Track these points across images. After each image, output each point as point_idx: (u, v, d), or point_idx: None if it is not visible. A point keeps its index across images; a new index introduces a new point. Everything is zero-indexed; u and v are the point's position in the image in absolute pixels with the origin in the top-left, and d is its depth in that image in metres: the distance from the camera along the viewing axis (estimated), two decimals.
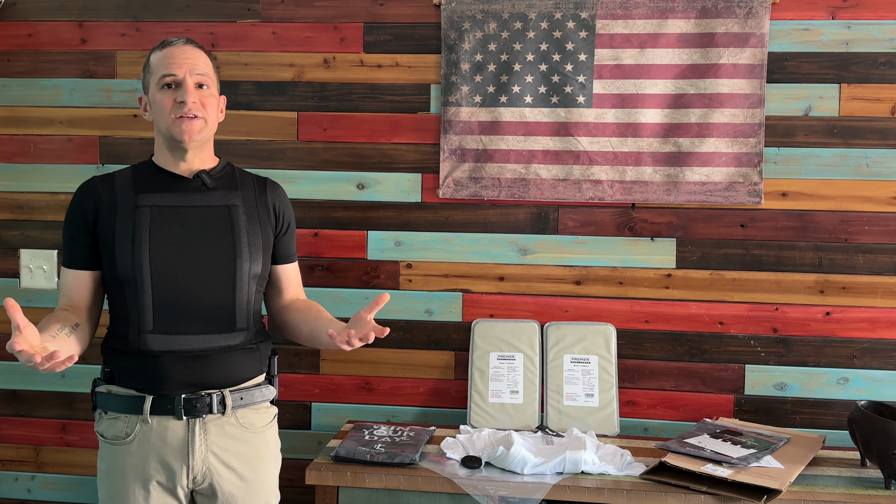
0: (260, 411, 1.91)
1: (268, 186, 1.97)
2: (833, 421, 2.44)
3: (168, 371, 1.79)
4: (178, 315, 1.79)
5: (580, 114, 2.46)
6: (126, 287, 1.80)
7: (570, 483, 2.00)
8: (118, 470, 1.81)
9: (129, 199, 1.83)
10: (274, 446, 1.95)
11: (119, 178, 1.88)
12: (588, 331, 2.46)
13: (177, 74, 1.81)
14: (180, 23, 2.59)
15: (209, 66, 1.88)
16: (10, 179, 2.66)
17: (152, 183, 1.86)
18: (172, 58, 1.83)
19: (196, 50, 1.87)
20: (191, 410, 1.79)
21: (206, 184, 1.86)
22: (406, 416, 2.57)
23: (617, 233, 2.49)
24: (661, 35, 2.43)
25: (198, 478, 1.81)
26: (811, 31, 2.42)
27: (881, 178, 2.41)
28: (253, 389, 1.89)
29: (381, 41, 2.54)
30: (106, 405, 1.84)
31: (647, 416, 2.50)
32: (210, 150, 1.92)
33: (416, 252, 2.55)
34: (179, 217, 1.83)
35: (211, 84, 1.86)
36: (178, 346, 1.79)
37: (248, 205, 1.89)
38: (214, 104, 1.87)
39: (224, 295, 1.83)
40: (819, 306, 2.44)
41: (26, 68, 2.64)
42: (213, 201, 1.86)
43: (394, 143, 2.55)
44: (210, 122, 1.86)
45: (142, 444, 1.79)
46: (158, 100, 1.83)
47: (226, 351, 1.83)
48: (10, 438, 2.69)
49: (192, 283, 1.80)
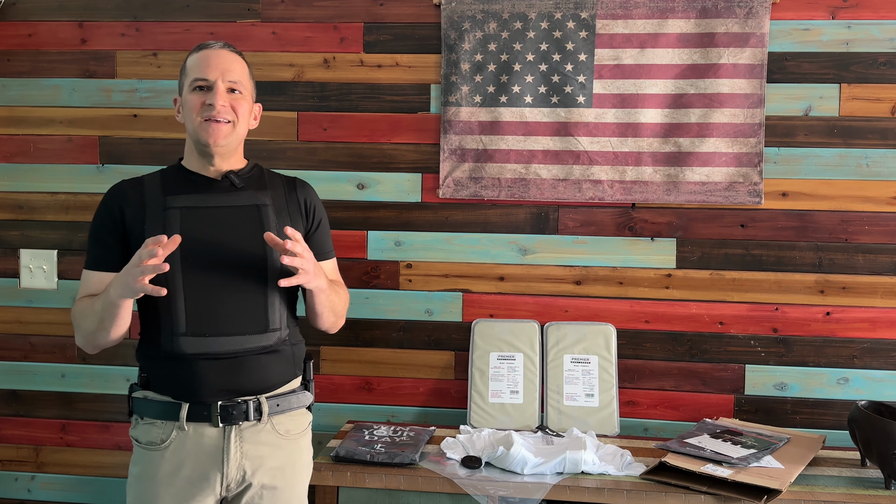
0: (295, 418, 1.89)
1: (297, 185, 1.96)
2: (833, 421, 2.44)
3: (203, 375, 1.77)
4: (211, 316, 1.77)
5: (580, 114, 2.46)
6: None
7: (570, 483, 2.00)
8: (150, 475, 1.79)
9: (157, 200, 1.82)
10: (307, 454, 1.93)
11: (148, 181, 1.87)
12: (588, 331, 2.46)
13: (209, 78, 1.81)
14: (180, 23, 2.59)
15: (244, 71, 1.87)
16: (10, 179, 2.66)
17: (181, 185, 1.85)
18: (207, 61, 1.82)
19: (232, 55, 1.86)
20: (227, 418, 1.77)
21: (235, 184, 1.85)
22: (406, 416, 2.57)
23: (617, 233, 2.49)
24: (661, 35, 2.43)
25: (231, 485, 1.79)
26: (811, 31, 2.42)
27: (881, 178, 2.41)
28: (289, 395, 1.87)
29: (381, 41, 2.54)
30: (142, 411, 1.82)
31: (647, 416, 2.50)
32: (239, 155, 1.91)
33: (416, 252, 2.55)
34: (209, 217, 1.81)
35: (244, 90, 1.85)
36: (212, 349, 1.77)
37: (277, 204, 1.88)
38: (246, 109, 1.86)
39: (256, 295, 1.81)
40: (819, 306, 2.44)
41: (26, 68, 2.64)
42: (243, 201, 1.85)
43: (394, 143, 2.55)
44: (239, 127, 1.84)
45: (177, 451, 1.78)
46: (188, 101, 1.82)
47: (260, 353, 1.82)
48: (10, 438, 2.69)
49: (223, 284, 1.79)
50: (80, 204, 2.63)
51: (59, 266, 2.64)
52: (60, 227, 2.64)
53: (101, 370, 2.64)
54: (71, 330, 2.64)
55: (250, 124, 1.91)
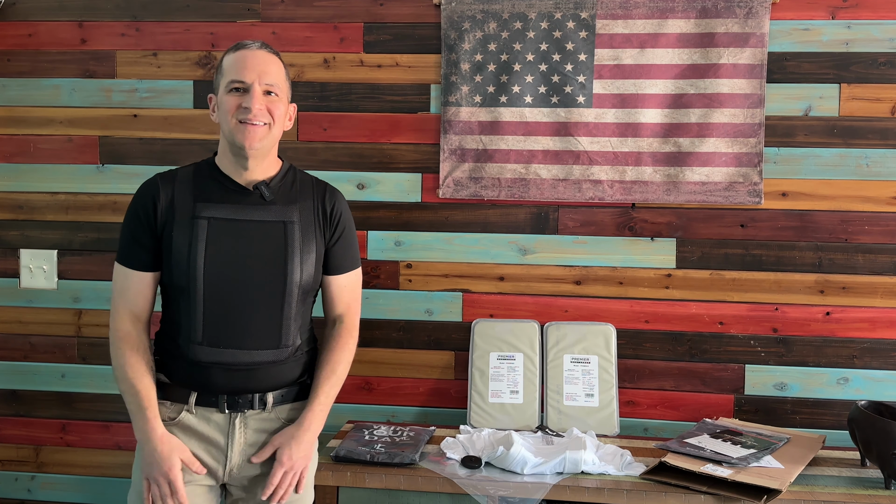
0: (297, 407, 1.91)
1: (326, 193, 1.94)
2: (833, 421, 2.44)
3: (214, 379, 1.81)
4: (227, 330, 1.80)
5: (580, 114, 2.46)
6: (179, 295, 1.81)
7: (570, 483, 2.00)
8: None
9: (188, 206, 1.82)
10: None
11: (180, 178, 1.87)
12: (588, 331, 2.46)
13: (245, 80, 1.79)
14: (180, 23, 2.59)
15: (281, 73, 1.86)
16: (10, 179, 2.66)
17: (212, 192, 1.84)
18: (244, 62, 1.81)
19: (270, 55, 1.85)
20: (233, 405, 1.82)
21: (265, 197, 1.85)
22: (406, 416, 2.57)
23: (617, 233, 2.49)
24: (661, 35, 2.43)
25: (234, 471, 1.83)
26: (811, 31, 2.42)
27: (881, 178, 2.41)
28: (294, 387, 1.90)
29: (381, 41, 2.54)
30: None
31: (647, 416, 2.50)
32: (273, 157, 1.90)
33: (416, 252, 2.55)
34: (236, 231, 1.82)
35: (280, 92, 1.84)
36: (225, 359, 1.80)
37: (304, 219, 1.88)
38: (282, 111, 1.85)
39: (273, 313, 1.83)
40: (819, 306, 2.44)
41: (26, 68, 2.64)
42: (270, 216, 1.84)
43: (394, 143, 2.55)
44: (274, 130, 1.83)
45: (184, 429, 1.82)
46: (224, 102, 1.82)
47: (271, 365, 1.84)
48: (10, 438, 2.69)
49: (242, 299, 1.80)
50: (80, 204, 2.63)
51: (59, 266, 2.64)
52: (60, 227, 2.64)
53: (102, 370, 2.64)
54: (71, 330, 2.66)
55: (285, 125, 1.90)
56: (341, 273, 1.97)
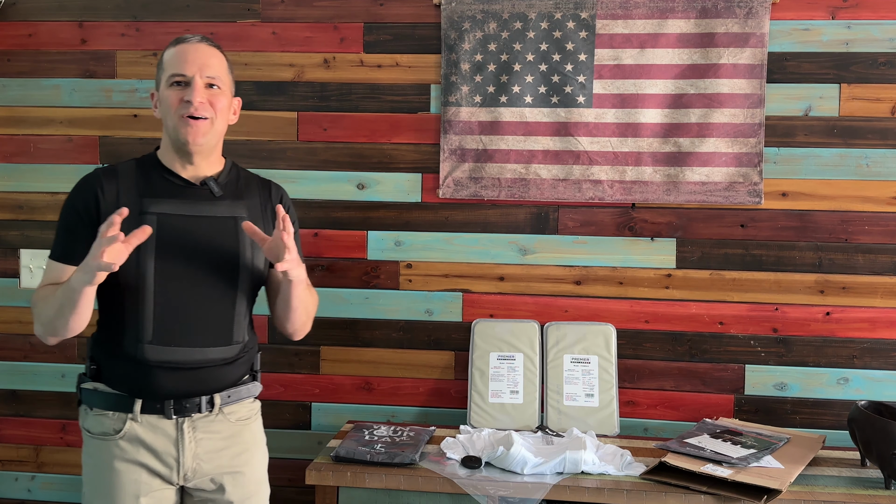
0: (245, 406, 1.90)
1: (272, 191, 1.93)
2: (833, 421, 2.44)
3: (161, 381, 1.76)
4: (178, 328, 1.76)
5: (580, 114, 2.46)
6: (126, 293, 1.74)
7: (570, 483, 2.00)
8: (106, 463, 1.78)
9: (134, 202, 1.76)
10: (260, 437, 1.94)
11: (123, 174, 1.82)
12: (588, 331, 2.46)
13: (186, 73, 1.77)
14: (180, 23, 2.59)
15: (223, 66, 1.84)
16: (10, 179, 2.66)
17: (158, 187, 1.80)
18: (185, 55, 1.78)
19: (210, 49, 1.82)
20: (180, 411, 1.78)
21: (214, 192, 1.83)
22: (406, 416, 2.57)
23: (617, 233, 2.49)
24: (661, 35, 2.43)
25: (188, 474, 1.80)
26: (811, 31, 2.42)
27: (881, 178, 2.41)
28: (240, 387, 1.87)
29: (381, 41, 2.54)
30: (93, 402, 1.81)
31: (647, 416, 2.50)
32: (218, 153, 1.88)
33: (416, 252, 2.55)
34: (186, 227, 1.78)
35: (223, 85, 1.81)
36: (175, 357, 1.76)
37: (253, 214, 1.85)
38: (225, 105, 1.82)
39: (225, 308, 1.81)
40: (819, 306, 2.44)
41: (26, 68, 2.64)
42: (220, 212, 1.81)
43: (394, 143, 2.55)
44: (217, 124, 1.80)
45: (131, 441, 1.77)
46: (166, 97, 1.79)
47: (220, 363, 1.82)
48: (10, 438, 2.69)
49: (194, 296, 1.77)
50: None
51: None
52: None
53: None
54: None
55: (230, 120, 1.87)
56: None
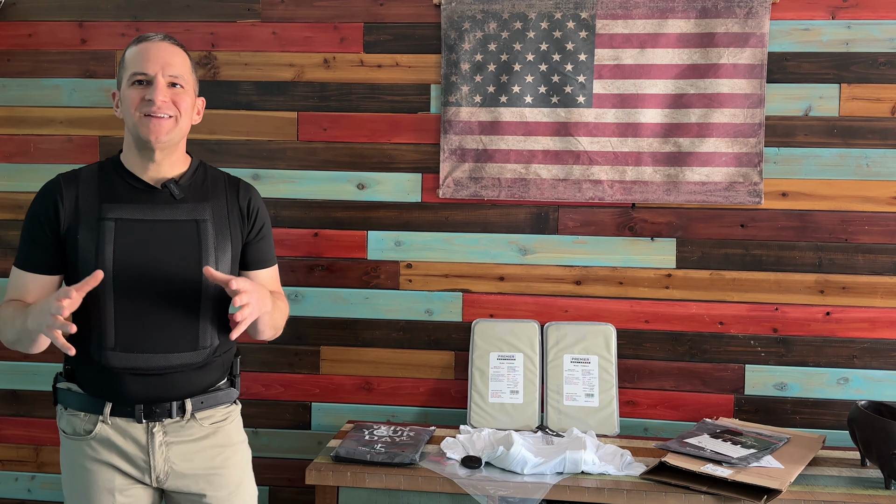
0: (221, 410, 1.86)
1: (240, 189, 1.88)
2: (833, 421, 2.44)
3: (129, 387, 1.74)
4: (141, 334, 1.72)
5: (580, 114, 2.46)
6: (88, 301, 1.67)
7: (570, 483, 2.00)
8: (80, 464, 1.77)
9: (93, 208, 1.74)
10: (237, 437, 1.89)
11: (84, 179, 1.78)
12: (588, 331, 2.46)
13: (148, 72, 1.73)
14: (180, 23, 2.59)
15: (186, 65, 1.80)
16: (10, 179, 2.66)
17: (118, 192, 1.76)
18: (146, 54, 1.74)
19: (172, 47, 1.78)
20: (150, 415, 1.75)
21: (175, 195, 1.78)
22: (406, 416, 2.57)
23: (617, 233, 2.49)
24: (661, 35, 2.43)
25: (161, 477, 1.77)
26: (811, 31, 2.42)
27: (881, 178, 2.41)
28: (215, 393, 1.84)
29: (381, 41, 2.54)
30: (67, 402, 1.80)
31: (647, 416, 2.50)
32: (181, 152, 1.83)
33: (416, 252, 2.55)
34: (145, 231, 1.74)
35: (186, 84, 1.78)
36: (140, 364, 1.73)
37: (217, 216, 1.81)
38: (189, 104, 1.79)
39: (188, 314, 1.76)
40: (819, 306, 2.44)
41: (26, 68, 2.64)
42: (181, 215, 1.77)
43: (394, 143, 2.55)
44: (181, 123, 1.77)
45: (103, 441, 1.76)
46: (127, 96, 1.75)
47: (188, 369, 1.77)
48: (10, 438, 2.69)
49: (156, 301, 1.73)
50: None
51: None
52: None
53: None
54: None
55: (193, 119, 1.84)
56: (263, 268, 1.92)
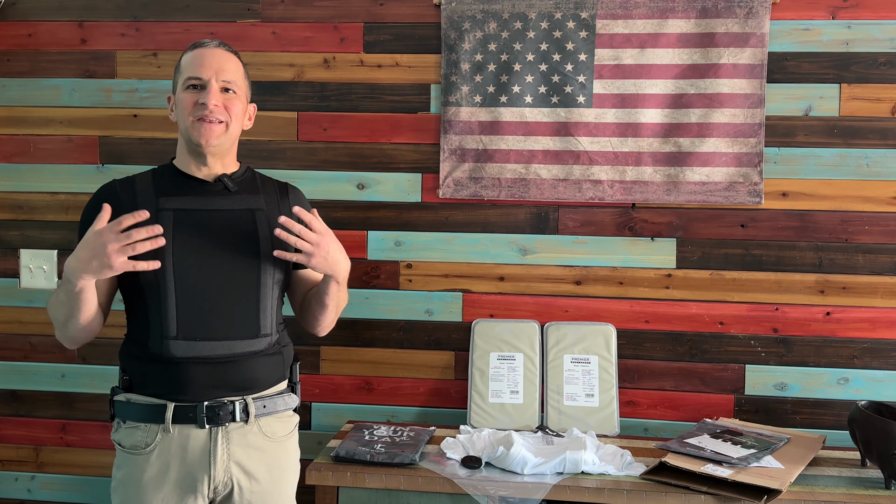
0: (283, 420, 1.88)
1: (289, 190, 1.94)
2: (833, 421, 2.44)
3: (191, 377, 1.75)
4: (202, 321, 1.75)
5: (580, 114, 2.46)
6: (148, 292, 1.75)
7: (570, 483, 2.00)
8: (135, 479, 1.77)
9: (150, 202, 1.78)
10: (294, 456, 1.92)
11: (139, 182, 1.84)
12: (588, 331, 2.46)
13: (202, 77, 1.78)
14: (180, 23, 2.59)
15: (239, 71, 1.85)
16: (10, 179, 2.66)
17: (174, 186, 1.82)
18: (201, 59, 1.80)
19: (227, 53, 1.84)
20: (213, 419, 1.75)
21: (229, 187, 1.83)
22: (406, 416, 2.57)
23: (617, 233, 2.49)
24: (661, 35, 2.43)
25: (219, 487, 1.78)
26: (811, 31, 2.42)
27: (881, 178, 2.41)
28: (276, 398, 1.85)
29: (381, 41, 2.54)
30: (125, 414, 1.80)
31: (647, 416, 2.50)
32: (232, 157, 1.89)
33: (416, 252, 2.55)
34: (202, 221, 1.79)
35: (238, 90, 1.83)
36: (202, 353, 1.75)
37: (270, 209, 1.86)
38: (240, 109, 1.84)
39: (248, 300, 1.79)
40: (819, 306, 2.44)
41: (26, 68, 2.64)
42: (237, 205, 1.83)
43: (394, 143, 2.55)
44: (232, 128, 1.82)
45: (162, 454, 1.76)
46: (181, 100, 1.80)
47: (250, 357, 1.80)
48: (10, 438, 2.69)
49: (216, 288, 1.76)
50: (80, 204, 2.60)
51: (59, 266, 2.64)
52: (60, 227, 2.64)
53: (101, 370, 2.64)
54: None
55: (244, 125, 1.89)
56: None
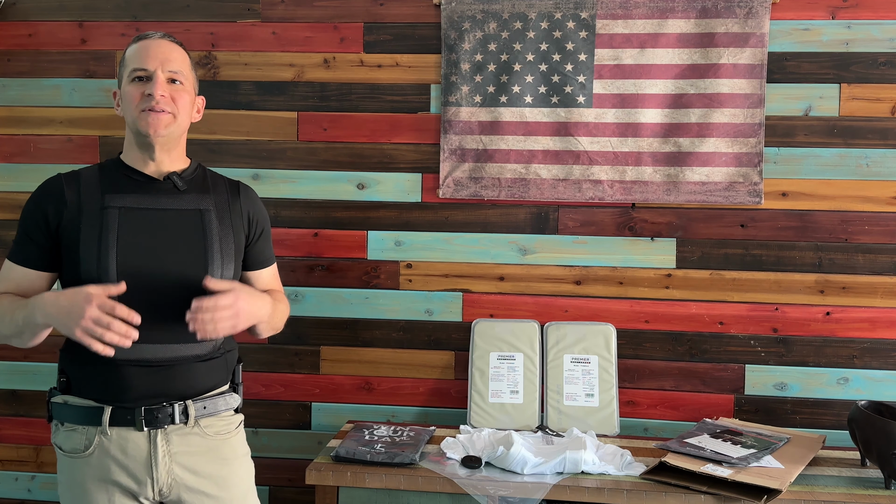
0: (224, 419, 1.83)
1: (241, 191, 1.88)
2: (833, 421, 2.44)
3: (130, 381, 1.70)
4: (145, 323, 1.63)
5: (580, 114, 2.46)
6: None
7: (570, 483, 2.00)
8: (78, 483, 1.73)
9: (95, 199, 1.73)
10: (241, 449, 1.87)
11: (85, 177, 1.78)
12: (588, 331, 2.46)
13: (148, 68, 1.73)
14: (180, 23, 2.59)
15: (185, 62, 1.80)
16: (10, 179, 2.66)
17: (120, 183, 1.76)
18: (146, 51, 1.75)
19: (172, 45, 1.79)
20: (152, 421, 1.71)
21: (177, 186, 1.78)
22: (406, 416, 2.57)
23: (617, 233, 2.49)
24: (661, 35, 2.43)
25: (164, 489, 1.74)
26: (811, 31, 2.42)
27: (881, 178, 2.41)
28: (216, 398, 1.80)
29: (381, 41, 2.54)
30: (62, 416, 1.75)
31: (647, 416, 2.50)
32: (181, 151, 1.84)
33: (416, 252, 2.55)
34: (149, 220, 1.74)
35: (185, 80, 1.78)
36: (143, 355, 1.70)
37: (220, 209, 1.81)
38: (188, 101, 1.79)
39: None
40: (819, 306, 2.44)
41: (26, 68, 2.64)
42: (185, 204, 1.77)
43: (394, 143, 2.55)
44: (180, 119, 1.77)
45: (101, 457, 1.71)
46: (127, 92, 1.75)
47: (191, 361, 1.75)
48: (10, 438, 2.69)
49: (160, 290, 1.70)
50: None
51: None
52: None
53: None
54: None
55: (193, 117, 1.84)
56: (264, 268, 1.93)
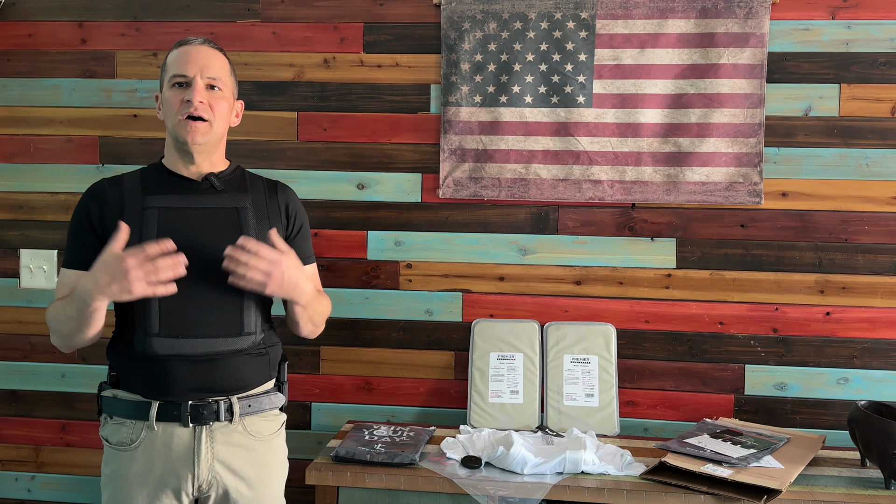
0: (268, 419, 1.88)
1: (278, 188, 1.95)
2: (833, 421, 2.44)
3: (175, 375, 1.75)
4: (185, 319, 1.75)
5: (580, 114, 2.46)
6: None
7: (570, 483, 2.00)
8: (122, 475, 1.79)
9: (136, 200, 1.80)
10: (282, 454, 1.93)
11: (127, 180, 1.85)
12: (588, 331, 2.46)
13: (187, 74, 1.79)
14: (180, 23, 2.59)
15: (225, 68, 1.85)
16: (10, 179, 2.66)
17: (160, 185, 1.83)
18: (186, 57, 1.81)
19: (212, 51, 1.84)
20: (197, 417, 1.76)
21: (215, 186, 1.84)
22: (406, 416, 2.57)
23: (617, 233, 2.49)
24: (661, 35, 2.43)
25: (203, 486, 1.78)
26: (811, 31, 2.42)
27: (881, 178, 2.41)
28: (261, 397, 1.86)
29: (381, 41, 2.54)
30: (111, 410, 1.82)
31: (647, 416, 2.50)
32: (220, 154, 1.90)
33: (416, 252, 2.55)
34: (188, 219, 1.80)
35: (224, 87, 1.83)
36: (185, 350, 1.75)
37: (257, 207, 1.87)
38: (225, 107, 1.84)
39: (232, 299, 1.79)
40: (819, 306, 2.44)
41: (26, 68, 2.64)
42: (222, 203, 1.83)
43: (394, 143, 2.55)
44: (217, 126, 1.82)
45: (147, 451, 1.77)
46: (167, 98, 1.81)
47: (233, 355, 1.80)
48: (10, 438, 2.69)
49: (199, 286, 1.76)
50: None
51: (59, 266, 2.64)
52: (60, 227, 2.64)
53: (101, 370, 2.63)
54: None
55: (231, 122, 1.89)
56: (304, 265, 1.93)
